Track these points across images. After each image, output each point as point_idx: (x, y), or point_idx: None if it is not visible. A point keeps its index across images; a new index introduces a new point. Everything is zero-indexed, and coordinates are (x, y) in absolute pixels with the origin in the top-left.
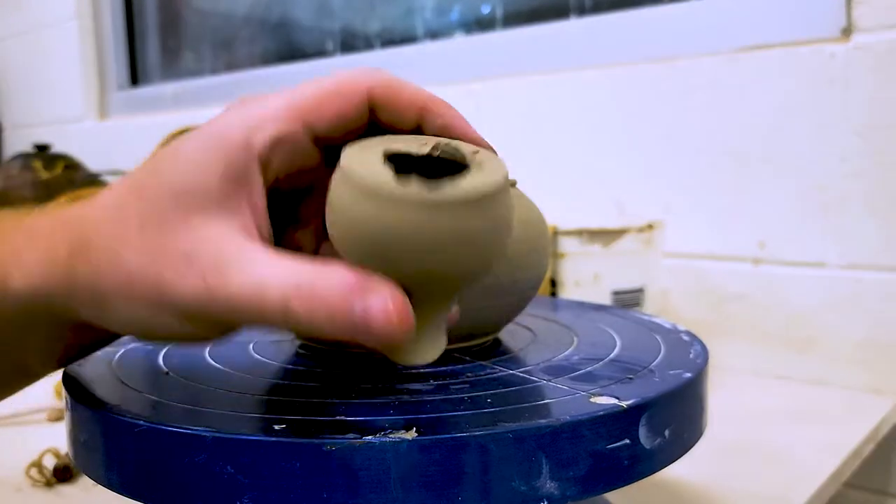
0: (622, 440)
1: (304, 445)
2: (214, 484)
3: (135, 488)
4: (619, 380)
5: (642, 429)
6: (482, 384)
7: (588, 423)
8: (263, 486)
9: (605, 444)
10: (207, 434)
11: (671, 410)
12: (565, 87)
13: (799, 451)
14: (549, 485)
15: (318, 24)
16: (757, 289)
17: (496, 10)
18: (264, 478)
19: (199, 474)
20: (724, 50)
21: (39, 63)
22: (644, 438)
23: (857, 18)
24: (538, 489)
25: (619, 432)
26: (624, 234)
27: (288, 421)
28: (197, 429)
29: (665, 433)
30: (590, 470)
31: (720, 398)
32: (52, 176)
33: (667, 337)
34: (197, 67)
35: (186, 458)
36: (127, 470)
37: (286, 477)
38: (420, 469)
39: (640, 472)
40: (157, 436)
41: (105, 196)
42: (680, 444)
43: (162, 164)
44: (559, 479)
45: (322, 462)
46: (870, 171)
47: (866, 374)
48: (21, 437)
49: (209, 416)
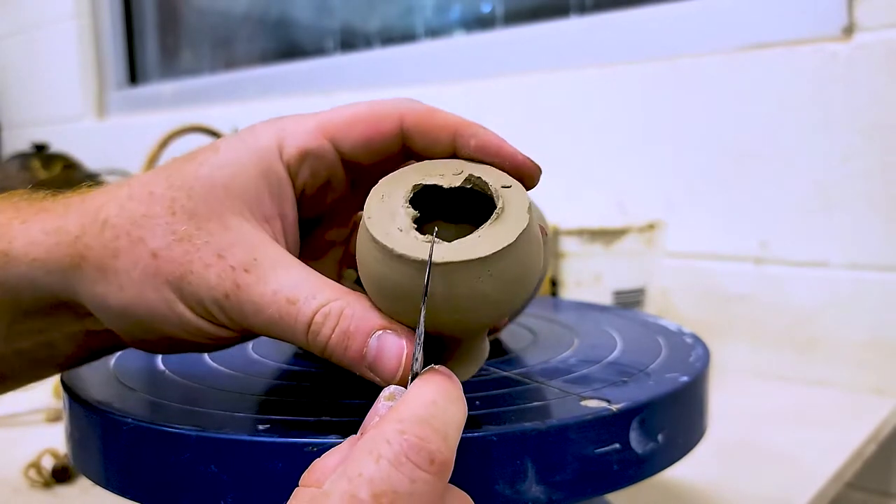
0: (612, 444)
1: (286, 446)
2: (198, 483)
3: (126, 487)
4: (614, 383)
5: (633, 433)
6: (475, 386)
7: (575, 427)
8: (246, 485)
9: (593, 448)
10: (192, 433)
11: (665, 414)
12: (565, 87)
13: (801, 451)
14: (534, 489)
15: (317, 22)
16: (759, 289)
17: (496, 8)
18: (246, 477)
19: (184, 473)
20: (726, 49)
21: (38, 62)
22: (635, 443)
23: (859, 17)
24: (524, 493)
25: (609, 436)
26: (625, 233)
27: (273, 421)
28: (181, 427)
29: (658, 438)
30: (577, 474)
31: (721, 399)
32: (50, 175)
33: (670, 339)
34: (196, 66)
35: (172, 457)
36: (118, 468)
37: (268, 477)
38: None
39: (632, 477)
40: (142, 434)
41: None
42: (675, 448)
43: (199, 158)
44: (545, 483)
45: (303, 463)
46: (872, 171)
47: (868, 374)
48: (19, 437)
49: (198, 415)
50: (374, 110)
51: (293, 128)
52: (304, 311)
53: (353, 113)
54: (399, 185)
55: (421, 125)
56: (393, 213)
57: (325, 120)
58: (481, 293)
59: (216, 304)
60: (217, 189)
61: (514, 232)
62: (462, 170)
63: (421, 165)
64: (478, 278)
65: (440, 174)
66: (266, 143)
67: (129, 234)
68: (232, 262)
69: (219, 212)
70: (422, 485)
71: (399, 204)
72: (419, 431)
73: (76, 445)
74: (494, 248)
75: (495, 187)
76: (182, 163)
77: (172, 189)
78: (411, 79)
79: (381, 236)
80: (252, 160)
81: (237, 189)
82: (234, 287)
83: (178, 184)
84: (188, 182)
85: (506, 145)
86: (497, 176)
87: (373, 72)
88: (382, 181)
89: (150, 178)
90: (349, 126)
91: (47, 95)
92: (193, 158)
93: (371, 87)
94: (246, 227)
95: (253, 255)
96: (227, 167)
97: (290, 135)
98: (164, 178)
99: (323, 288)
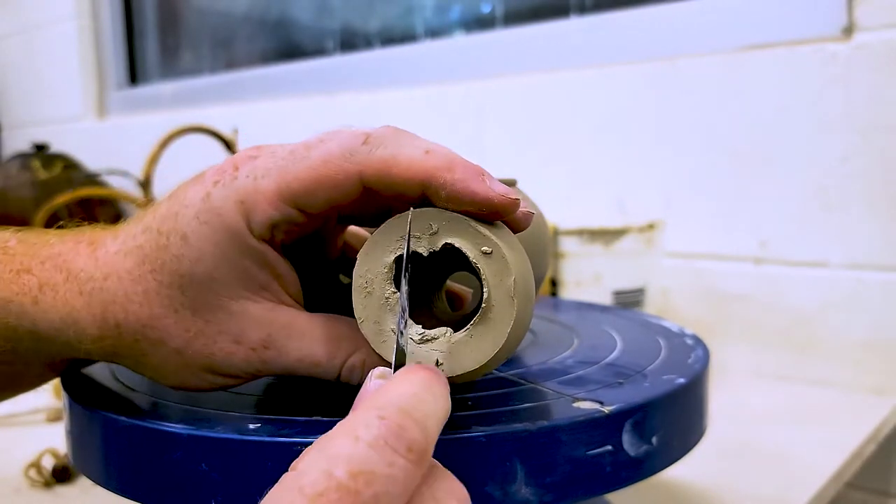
0: (604, 446)
1: (275, 445)
2: (190, 481)
3: (124, 486)
4: (609, 384)
5: (626, 435)
6: (468, 386)
7: (566, 428)
8: (236, 484)
9: (584, 450)
10: (183, 431)
11: (660, 417)
12: (565, 87)
13: (800, 451)
14: (524, 490)
15: (317, 22)
16: (758, 289)
17: (496, 8)
18: (236, 476)
19: (176, 471)
20: (725, 49)
21: (38, 62)
22: (628, 445)
23: (859, 17)
24: (513, 494)
25: (601, 438)
26: (625, 233)
27: (265, 420)
28: (173, 426)
29: (653, 440)
30: (568, 476)
31: (721, 398)
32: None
33: (671, 341)
34: (196, 66)
35: (165, 455)
36: (117, 468)
37: (257, 476)
38: None
39: (625, 479)
40: (136, 433)
41: (118, 262)
42: (671, 451)
43: (172, 248)
44: (535, 484)
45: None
46: (871, 171)
47: (868, 374)
48: (19, 437)
49: (193, 414)
50: (332, 171)
51: (254, 198)
52: (331, 371)
53: (311, 176)
54: (377, 261)
55: (382, 180)
56: (381, 305)
57: (283, 185)
58: (478, 376)
59: (252, 375)
60: (206, 283)
61: (502, 331)
62: (438, 228)
63: (395, 221)
64: (473, 375)
65: (415, 235)
66: (232, 222)
67: (147, 338)
68: (251, 346)
69: (217, 303)
70: (399, 470)
71: (384, 292)
72: (399, 419)
73: (76, 445)
74: (486, 356)
75: (475, 257)
76: (156, 248)
77: (163, 286)
78: (411, 79)
79: (378, 346)
80: (226, 243)
81: (225, 277)
82: (261, 363)
83: (166, 281)
84: (175, 279)
85: (479, 190)
86: (474, 236)
87: (373, 72)
88: (361, 258)
89: (133, 267)
90: (310, 193)
91: (47, 95)
92: (165, 246)
93: (371, 87)
94: (248, 307)
95: (267, 332)
96: (206, 259)
97: (252, 209)
98: (149, 272)
99: (339, 345)
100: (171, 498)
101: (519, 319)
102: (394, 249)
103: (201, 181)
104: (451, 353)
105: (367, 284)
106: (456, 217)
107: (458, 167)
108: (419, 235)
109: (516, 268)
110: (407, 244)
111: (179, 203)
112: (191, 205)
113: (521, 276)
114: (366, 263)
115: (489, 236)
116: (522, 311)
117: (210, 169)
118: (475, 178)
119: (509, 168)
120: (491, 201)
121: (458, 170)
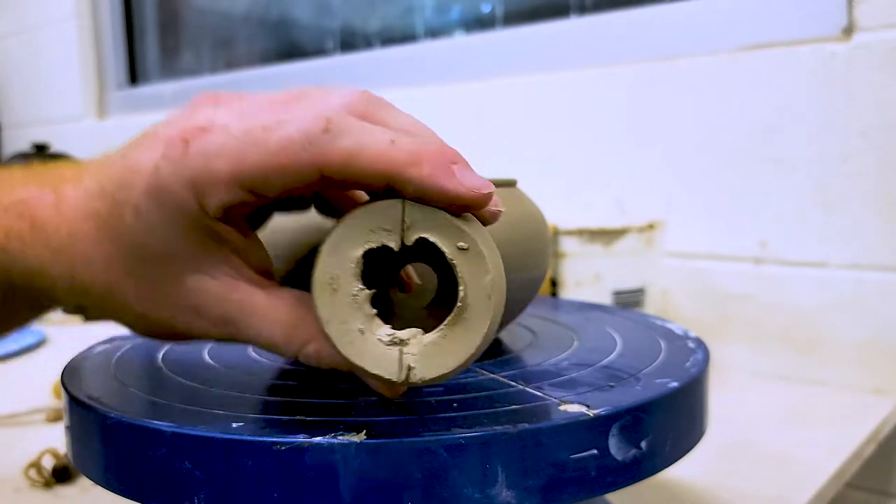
0: (588, 450)
1: (255, 444)
2: (174, 479)
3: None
4: (600, 387)
5: (613, 439)
6: (457, 388)
7: (548, 432)
8: (218, 482)
9: (567, 454)
10: (167, 429)
11: (651, 421)
12: (565, 87)
13: (800, 451)
14: (505, 493)
15: (317, 22)
16: (758, 289)
17: (496, 8)
18: (219, 474)
19: (160, 468)
20: (725, 49)
21: (38, 62)
22: (615, 449)
23: (859, 17)
24: (493, 497)
25: (586, 442)
26: (625, 233)
27: (248, 419)
28: (157, 423)
29: (642, 445)
30: (550, 480)
31: (720, 399)
32: None
33: (672, 343)
34: (196, 66)
35: (150, 452)
36: (116, 467)
37: (239, 474)
38: (368, 473)
39: (612, 484)
40: (126, 430)
41: (80, 223)
42: (661, 456)
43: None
44: (516, 487)
45: (271, 461)
46: (871, 171)
47: (868, 374)
48: (19, 437)
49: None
50: (289, 160)
51: (205, 180)
52: (288, 352)
53: (267, 163)
54: (343, 257)
55: (343, 174)
56: (347, 303)
57: (237, 171)
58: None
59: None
60: (161, 257)
61: (478, 331)
62: (411, 222)
63: (364, 213)
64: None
65: (386, 229)
66: (184, 202)
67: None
68: (212, 321)
69: (174, 277)
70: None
71: (351, 289)
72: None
73: (76, 445)
74: (459, 359)
75: (451, 253)
76: (112, 216)
77: (121, 254)
78: (411, 79)
79: (344, 347)
80: (178, 221)
81: (180, 254)
82: (227, 336)
83: (123, 250)
84: (132, 250)
85: (448, 186)
86: (449, 233)
87: (373, 72)
88: (324, 252)
89: (92, 230)
90: (265, 179)
91: (48, 95)
92: (120, 216)
93: (371, 87)
94: (205, 283)
95: (224, 309)
96: (159, 235)
97: (204, 192)
98: (107, 238)
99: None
100: (158, 495)
101: (494, 320)
102: (362, 243)
103: (152, 144)
104: (423, 356)
105: (333, 281)
106: (430, 210)
107: (426, 161)
108: (390, 229)
109: (493, 266)
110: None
111: (130, 168)
112: (141, 174)
113: (497, 274)
114: (330, 258)
115: (466, 232)
116: (498, 311)
117: (159, 128)
118: (444, 172)
119: (509, 168)
120: (461, 197)
121: (425, 164)
